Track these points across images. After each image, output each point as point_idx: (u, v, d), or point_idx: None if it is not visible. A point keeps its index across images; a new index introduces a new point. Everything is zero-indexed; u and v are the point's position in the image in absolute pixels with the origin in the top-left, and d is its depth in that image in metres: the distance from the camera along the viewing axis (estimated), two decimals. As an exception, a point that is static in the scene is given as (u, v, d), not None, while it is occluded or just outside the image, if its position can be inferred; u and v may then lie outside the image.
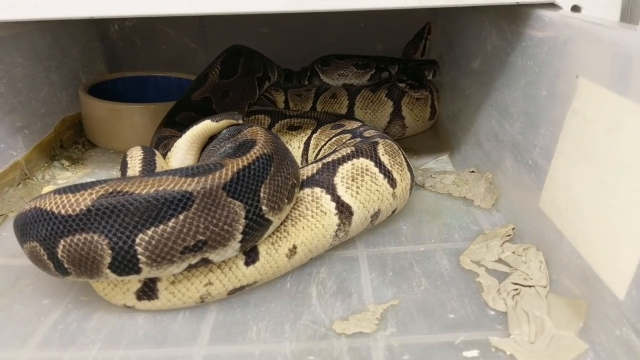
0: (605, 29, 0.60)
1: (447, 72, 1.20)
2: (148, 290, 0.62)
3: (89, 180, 0.61)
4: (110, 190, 0.56)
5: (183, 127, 0.92)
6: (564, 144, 0.64)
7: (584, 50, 0.63)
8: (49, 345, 0.57)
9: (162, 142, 0.87)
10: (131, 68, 1.35)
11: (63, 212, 0.55)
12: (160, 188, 0.55)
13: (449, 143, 1.09)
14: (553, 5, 0.74)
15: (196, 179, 0.57)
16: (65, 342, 0.58)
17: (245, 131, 0.70)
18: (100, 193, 0.55)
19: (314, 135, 0.99)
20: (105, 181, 0.57)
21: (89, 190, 0.56)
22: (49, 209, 0.56)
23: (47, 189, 0.92)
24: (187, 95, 1.02)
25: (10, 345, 0.57)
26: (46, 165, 0.99)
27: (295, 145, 1.01)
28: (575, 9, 0.73)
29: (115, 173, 1.00)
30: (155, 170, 0.71)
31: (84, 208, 0.55)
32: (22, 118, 0.96)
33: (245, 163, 0.60)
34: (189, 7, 0.69)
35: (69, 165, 1.01)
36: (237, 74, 1.06)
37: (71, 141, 1.10)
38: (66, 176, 0.98)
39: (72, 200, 0.56)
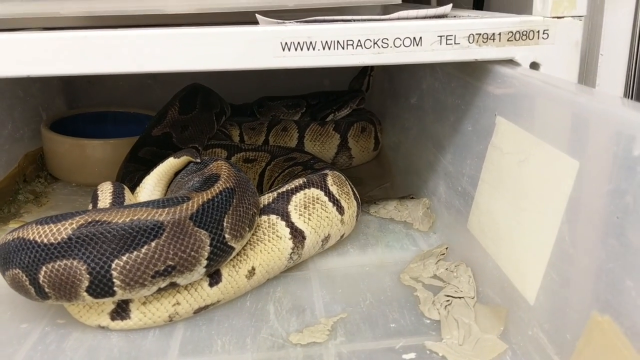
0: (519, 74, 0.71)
1: (388, 106, 1.31)
2: (121, 311, 0.68)
3: (53, 213, 0.67)
4: (90, 220, 0.62)
5: (146, 162, 1.00)
6: (486, 173, 0.74)
7: (501, 92, 0.74)
8: (37, 354, 0.63)
9: (128, 176, 0.94)
10: (89, 104, 1.41)
11: (45, 240, 0.61)
12: (135, 218, 0.62)
13: (391, 172, 1.19)
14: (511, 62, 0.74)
15: (166, 209, 0.64)
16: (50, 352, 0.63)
17: (210, 165, 0.77)
18: (80, 222, 0.62)
19: (268, 168, 1.08)
20: (84, 212, 0.64)
21: (70, 220, 0.62)
22: (31, 238, 0.62)
23: (13, 224, 0.96)
24: (148, 131, 1.08)
25: (-4, 361, 0.63)
26: (11, 199, 1.04)
27: (250, 177, 1.09)
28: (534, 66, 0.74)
29: (78, 206, 1.05)
30: (125, 203, 0.77)
31: (65, 237, 0.61)
32: (-14, 154, 1.01)
33: (210, 196, 0.68)
34: (135, 66, 0.67)
35: (33, 199, 1.06)
36: (196, 110, 1.14)
37: (34, 175, 1.15)
38: (30, 209, 1.03)
39: (54, 229, 0.62)
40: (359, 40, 0.67)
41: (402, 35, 0.68)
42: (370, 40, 0.67)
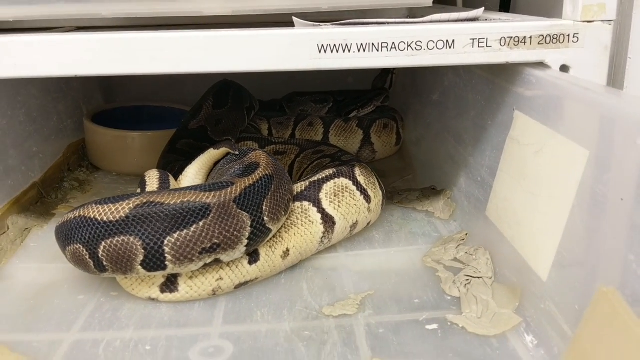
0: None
1: (411, 103, 1.37)
2: (170, 284, 0.75)
3: (96, 198, 0.74)
4: (145, 201, 0.69)
5: (184, 153, 1.07)
6: (504, 163, 0.80)
7: (531, 93, 0.79)
8: (91, 329, 0.70)
9: (168, 166, 1.01)
10: (125, 98, 1.48)
11: (105, 218, 0.68)
12: (185, 200, 0.69)
13: (413, 165, 1.25)
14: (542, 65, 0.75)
15: (213, 193, 0.71)
16: (103, 326, 0.70)
17: (250, 155, 0.84)
18: (136, 203, 0.69)
19: (297, 160, 1.14)
20: (139, 194, 0.71)
21: (127, 201, 0.69)
22: (92, 216, 0.69)
23: (61, 208, 1.04)
24: (185, 125, 1.16)
25: (57, 329, 0.70)
26: (57, 186, 1.11)
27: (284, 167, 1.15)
28: (564, 69, 0.75)
29: (119, 193, 1.12)
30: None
31: (123, 215, 0.68)
32: (37, 143, 1.08)
33: (251, 182, 0.74)
34: (176, 67, 0.70)
35: (77, 186, 1.13)
36: (228, 105, 1.21)
37: (77, 164, 1.23)
38: (76, 196, 1.11)
39: (113, 209, 0.69)
40: (393, 43, 0.70)
41: (435, 38, 0.70)
42: (405, 43, 0.70)
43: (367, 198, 0.91)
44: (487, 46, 0.72)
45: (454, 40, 0.71)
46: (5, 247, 0.87)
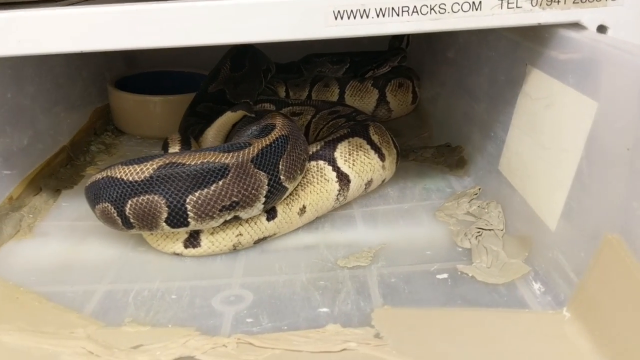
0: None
1: (426, 61, 1.37)
2: (193, 240, 0.79)
3: (121, 160, 0.77)
4: (167, 161, 0.72)
5: (204, 116, 1.09)
6: (517, 118, 0.82)
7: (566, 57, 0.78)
8: (120, 280, 0.75)
9: (189, 128, 1.04)
10: (146, 64, 1.51)
11: (130, 178, 0.72)
12: (205, 160, 0.72)
13: (429, 123, 1.27)
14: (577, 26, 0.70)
15: (231, 153, 0.74)
16: (132, 278, 0.75)
17: (266, 116, 0.87)
18: (159, 164, 0.72)
19: (313, 120, 1.16)
20: (162, 155, 0.74)
21: (150, 162, 0.73)
22: (119, 176, 0.73)
23: (90, 170, 1.08)
24: (204, 88, 1.18)
25: (90, 281, 0.74)
26: (85, 149, 1.16)
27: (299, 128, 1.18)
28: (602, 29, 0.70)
29: (144, 154, 1.16)
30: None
31: (147, 175, 0.72)
32: (64, 109, 1.12)
33: (268, 142, 0.77)
34: (186, 39, 0.67)
35: (104, 149, 1.18)
36: (245, 68, 1.23)
37: (102, 129, 1.27)
38: (103, 158, 1.15)
39: (138, 169, 0.72)
40: (415, 6, 0.65)
41: (460, 0, 0.65)
42: (427, 6, 0.65)
43: (382, 156, 0.94)
44: (517, 7, 0.66)
45: (480, 2, 0.65)
46: (39, 206, 0.92)
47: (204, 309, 0.68)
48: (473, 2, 0.65)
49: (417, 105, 1.37)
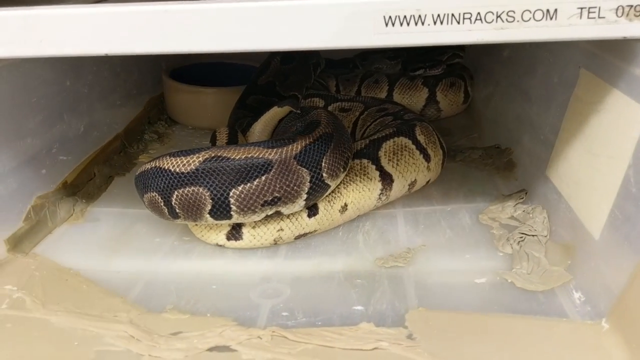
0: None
1: (482, 59, 1.34)
2: (235, 233, 0.81)
3: (173, 150, 0.80)
4: (213, 155, 0.74)
5: (253, 108, 1.11)
6: (567, 122, 0.79)
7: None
8: (165, 268, 0.78)
9: (238, 121, 1.06)
10: (200, 56, 1.54)
11: (177, 170, 0.74)
12: (250, 155, 0.74)
13: (480, 124, 1.24)
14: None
15: (275, 149, 0.75)
16: (176, 265, 0.78)
17: (311, 113, 0.88)
18: (205, 157, 0.74)
19: (361, 117, 1.16)
20: (208, 148, 0.76)
21: (197, 154, 0.75)
22: (166, 167, 0.75)
23: (142, 158, 1.12)
24: (254, 81, 1.20)
25: (136, 267, 0.78)
26: (139, 138, 1.20)
27: (345, 125, 1.18)
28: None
29: (195, 145, 1.19)
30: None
31: (194, 167, 0.73)
32: (120, 97, 1.17)
33: (312, 139, 0.78)
34: (218, 45, 0.60)
35: (157, 138, 1.22)
36: (295, 61, 1.24)
37: (156, 118, 1.31)
38: (155, 147, 1.19)
39: (184, 161, 0.74)
40: (479, 13, 0.56)
41: (532, 7, 0.55)
42: (493, 13, 0.56)
43: (427, 157, 0.93)
44: (599, 17, 0.56)
45: (556, 10, 0.56)
46: (92, 192, 0.96)
47: (242, 301, 0.70)
48: (547, 10, 0.56)
49: (468, 105, 1.35)
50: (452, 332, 0.61)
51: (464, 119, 1.32)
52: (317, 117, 0.85)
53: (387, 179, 0.88)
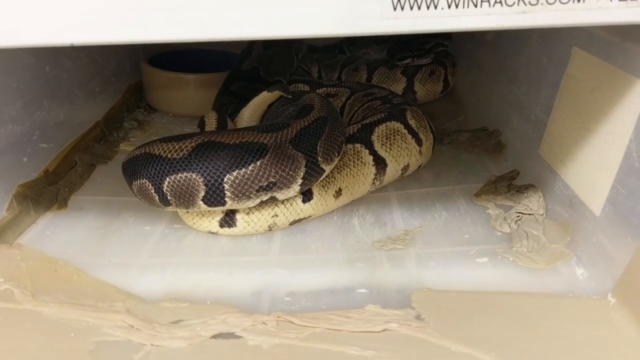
0: None
1: (462, 44, 1.34)
2: (228, 220, 0.78)
3: (155, 137, 0.77)
4: (206, 140, 0.72)
5: (237, 95, 1.09)
6: (560, 101, 0.80)
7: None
8: (157, 255, 0.75)
9: (223, 108, 1.03)
10: (175, 43, 1.51)
11: (169, 156, 0.72)
12: (244, 140, 0.72)
13: (463, 107, 1.25)
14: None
15: (270, 133, 0.73)
16: (169, 253, 0.75)
17: (304, 97, 0.86)
18: (198, 142, 0.72)
19: (347, 102, 1.15)
20: (201, 133, 0.74)
21: (189, 140, 0.72)
22: (157, 153, 0.73)
23: (124, 146, 1.09)
24: (237, 67, 1.18)
25: (128, 255, 0.75)
26: (118, 125, 1.16)
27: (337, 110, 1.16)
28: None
29: (177, 133, 1.16)
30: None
31: (186, 153, 0.71)
32: (99, 84, 1.13)
33: (307, 123, 0.76)
34: (203, 33, 0.52)
35: (137, 126, 1.18)
36: (278, 45, 1.22)
37: (134, 106, 1.27)
38: (136, 135, 1.15)
39: (177, 146, 0.72)
40: None
41: None
42: None
43: (419, 141, 0.92)
44: None
45: None
46: (74, 180, 0.93)
47: (241, 287, 0.68)
48: None
49: (447, 93, 1.34)
50: (460, 311, 0.61)
51: (446, 103, 1.32)
52: (310, 102, 0.83)
53: (380, 164, 0.87)
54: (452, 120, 1.20)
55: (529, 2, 0.51)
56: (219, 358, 0.55)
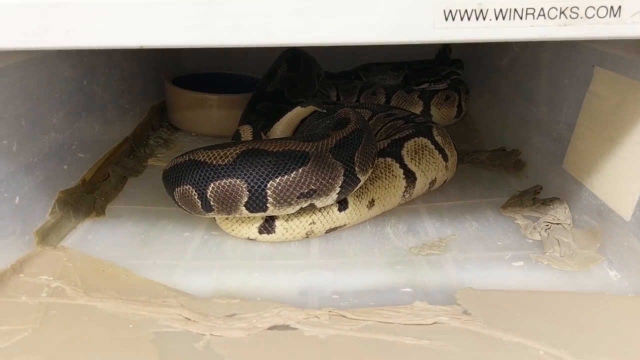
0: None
1: (475, 72, 1.40)
2: (267, 226, 0.81)
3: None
4: (250, 147, 0.75)
5: (263, 114, 1.12)
6: (583, 117, 0.84)
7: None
8: (201, 258, 0.77)
9: (252, 124, 1.07)
10: (195, 67, 1.55)
11: (214, 162, 0.74)
12: (287, 148, 0.75)
13: (478, 131, 1.29)
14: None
15: (311, 143, 0.76)
16: (211, 256, 0.78)
17: (339, 111, 0.89)
18: (243, 149, 0.75)
19: (369, 122, 1.19)
20: (245, 141, 0.77)
21: (234, 147, 0.75)
22: (202, 160, 0.75)
23: (151, 161, 1.12)
24: (262, 88, 1.22)
25: (171, 257, 0.77)
26: (144, 142, 1.19)
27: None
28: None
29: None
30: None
31: (231, 159, 0.74)
32: (128, 102, 1.16)
33: (345, 134, 0.79)
34: (266, 39, 0.55)
35: (162, 143, 1.21)
36: (301, 69, 1.26)
37: (158, 125, 1.30)
38: (162, 152, 1.18)
39: (222, 153, 0.75)
40: (542, 9, 0.54)
41: (596, 4, 0.54)
42: (556, 9, 0.54)
43: (445, 156, 0.96)
44: None
45: (620, 7, 0.54)
46: (109, 190, 0.95)
47: (288, 287, 0.70)
48: (611, 7, 0.54)
49: (461, 119, 1.39)
50: (505, 307, 0.63)
51: (460, 128, 1.36)
52: (345, 115, 0.87)
53: (410, 177, 0.90)
54: (469, 142, 1.24)
55: (570, 16, 0.54)
56: (279, 347, 0.57)
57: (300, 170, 0.74)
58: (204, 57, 1.58)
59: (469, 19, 0.55)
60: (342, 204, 0.83)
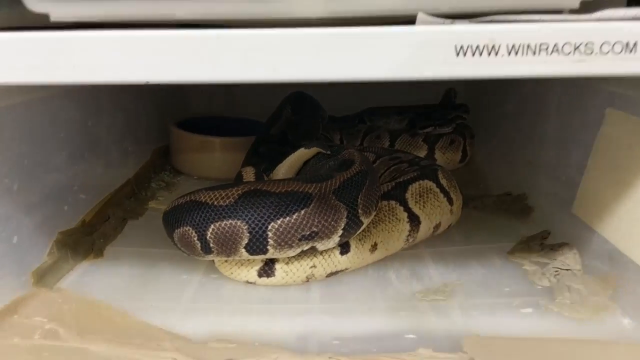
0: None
1: (481, 116, 1.39)
2: (267, 269, 0.79)
3: None
4: (252, 188, 0.74)
5: (266, 157, 1.12)
6: (594, 160, 0.82)
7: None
8: (198, 301, 0.75)
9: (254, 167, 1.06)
10: (200, 110, 1.56)
11: (216, 203, 0.73)
12: (289, 189, 0.73)
13: (483, 176, 1.27)
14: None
15: (314, 184, 0.75)
16: (210, 299, 0.75)
17: (343, 152, 0.88)
18: (244, 190, 0.73)
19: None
20: (247, 182, 0.76)
21: (236, 188, 0.74)
22: (203, 200, 0.74)
23: (152, 204, 1.10)
24: (266, 130, 1.21)
25: (168, 300, 0.75)
26: (147, 185, 1.18)
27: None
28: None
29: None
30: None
31: (233, 200, 0.72)
32: (131, 144, 1.16)
33: (349, 175, 0.78)
34: (274, 74, 0.54)
35: (164, 186, 1.20)
36: (306, 112, 1.26)
37: (160, 168, 1.30)
38: (163, 195, 1.17)
39: (223, 194, 0.73)
40: (556, 45, 0.52)
41: (611, 39, 0.52)
42: (570, 45, 0.52)
43: (450, 200, 0.94)
44: None
45: (635, 43, 0.52)
46: (109, 232, 0.93)
47: (287, 331, 0.67)
48: (627, 43, 0.52)
49: (465, 164, 1.38)
50: (513, 355, 0.61)
51: (465, 173, 1.35)
52: (350, 156, 0.86)
53: (414, 220, 0.88)
54: (474, 187, 1.22)
55: (585, 52, 0.52)
56: (276, 395, 0.54)
57: (302, 212, 0.72)
58: (209, 102, 1.60)
59: (480, 54, 0.53)
60: (344, 248, 0.81)
